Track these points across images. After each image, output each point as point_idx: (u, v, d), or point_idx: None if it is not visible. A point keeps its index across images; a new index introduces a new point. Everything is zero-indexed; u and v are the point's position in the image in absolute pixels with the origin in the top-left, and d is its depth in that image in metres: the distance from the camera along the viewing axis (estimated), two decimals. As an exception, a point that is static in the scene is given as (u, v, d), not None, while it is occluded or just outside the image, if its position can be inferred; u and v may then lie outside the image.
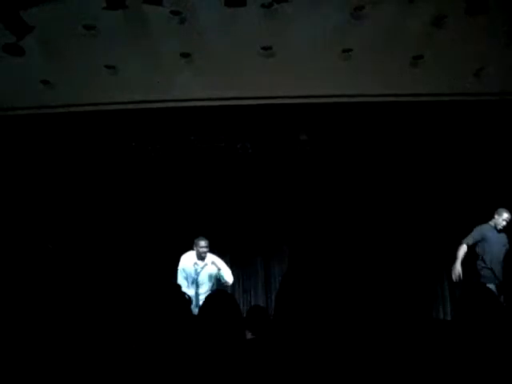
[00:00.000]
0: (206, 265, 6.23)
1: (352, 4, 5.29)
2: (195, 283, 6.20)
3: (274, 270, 7.37)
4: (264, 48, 5.76)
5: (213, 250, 6.41)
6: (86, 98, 6.35)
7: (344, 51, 5.80)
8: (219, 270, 6.25)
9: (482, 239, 6.26)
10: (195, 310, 2.52)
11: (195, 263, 6.23)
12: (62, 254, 6.71)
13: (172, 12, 5.30)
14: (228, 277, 6.29)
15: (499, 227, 6.24)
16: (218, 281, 6.32)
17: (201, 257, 6.24)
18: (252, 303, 7.12)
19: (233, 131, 7.20)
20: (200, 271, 6.21)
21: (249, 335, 3.23)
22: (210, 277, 6.27)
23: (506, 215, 6.21)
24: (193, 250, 6.29)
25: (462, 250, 6.22)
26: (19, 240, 6.64)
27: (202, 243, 6.21)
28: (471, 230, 6.31)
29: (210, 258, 6.30)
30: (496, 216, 6.25)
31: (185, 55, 5.82)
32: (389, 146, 7.06)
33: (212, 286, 6.27)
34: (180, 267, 6.31)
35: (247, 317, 3.72)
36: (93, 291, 6.28)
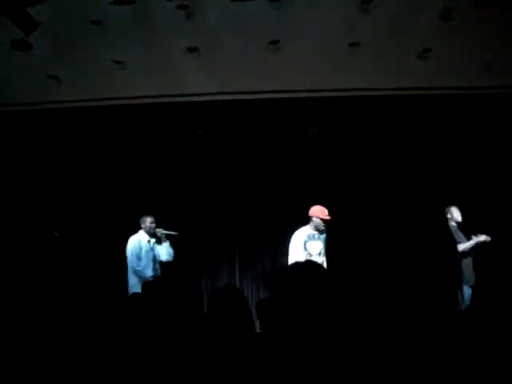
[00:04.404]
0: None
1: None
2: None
3: (282, 263, 7.37)
4: (271, 42, 5.75)
5: (220, 244, 6.45)
6: (94, 93, 6.36)
7: (351, 45, 5.78)
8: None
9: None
10: None
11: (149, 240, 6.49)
12: (68, 243, 6.75)
13: (179, 6, 5.30)
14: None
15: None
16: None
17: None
18: (260, 296, 7.13)
19: (240, 125, 7.19)
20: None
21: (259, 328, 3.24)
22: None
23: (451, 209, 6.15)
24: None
25: None
26: (25, 227, 6.69)
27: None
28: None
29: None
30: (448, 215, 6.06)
31: (192, 50, 5.82)
32: (397, 139, 7.03)
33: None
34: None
35: (257, 310, 3.73)
36: (97, 283, 6.34)
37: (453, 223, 6.08)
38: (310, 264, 1.97)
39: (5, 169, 6.72)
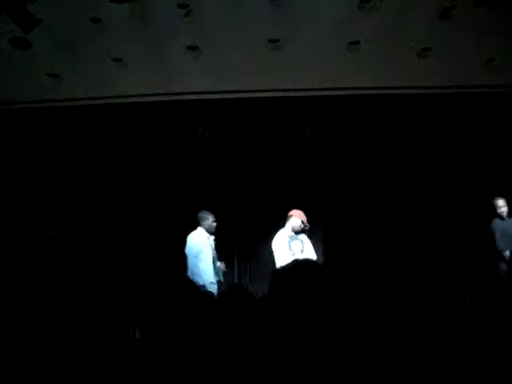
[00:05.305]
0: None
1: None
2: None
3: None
4: (271, 41, 5.75)
5: (219, 243, 6.45)
6: (94, 91, 6.36)
7: (351, 43, 5.78)
8: None
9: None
10: None
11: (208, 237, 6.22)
12: (67, 242, 6.74)
13: (179, 5, 5.29)
14: None
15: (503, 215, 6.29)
16: None
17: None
18: (259, 296, 7.12)
19: (240, 124, 7.19)
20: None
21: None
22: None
23: (499, 202, 6.29)
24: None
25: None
26: (24, 227, 6.68)
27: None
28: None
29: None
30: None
31: (192, 48, 5.82)
32: (396, 138, 7.03)
33: None
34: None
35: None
36: (98, 281, 6.31)
37: (504, 213, 6.29)
38: (308, 263, 1.97)
39: (5, 167, 6.72)
